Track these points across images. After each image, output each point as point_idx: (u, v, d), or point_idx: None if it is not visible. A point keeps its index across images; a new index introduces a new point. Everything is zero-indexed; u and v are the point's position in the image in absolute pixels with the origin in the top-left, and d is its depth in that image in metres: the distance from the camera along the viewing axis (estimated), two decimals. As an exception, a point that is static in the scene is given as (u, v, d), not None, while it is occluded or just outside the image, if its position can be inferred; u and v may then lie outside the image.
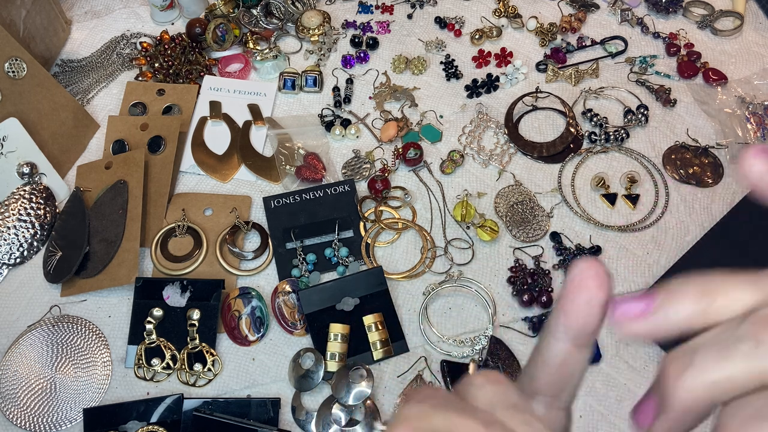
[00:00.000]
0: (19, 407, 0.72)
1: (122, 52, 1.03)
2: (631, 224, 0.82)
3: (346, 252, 0.81)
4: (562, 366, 0.25)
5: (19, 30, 0.92)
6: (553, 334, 0.25)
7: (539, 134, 0.91)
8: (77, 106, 0.92)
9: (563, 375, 0.25)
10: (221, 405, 0.71)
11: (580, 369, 0.25)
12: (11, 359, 0.74)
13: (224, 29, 1.00)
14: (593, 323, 0.24)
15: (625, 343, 0.74)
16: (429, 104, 0.95)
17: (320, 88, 0.97)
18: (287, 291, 0.78)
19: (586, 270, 0.23)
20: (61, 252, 0.81)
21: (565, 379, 0.25)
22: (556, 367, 0.25)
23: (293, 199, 0.85)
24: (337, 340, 0.73)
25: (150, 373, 0.73)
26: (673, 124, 0.91)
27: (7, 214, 0.83)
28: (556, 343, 0.25)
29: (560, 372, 0.25)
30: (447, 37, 1.02)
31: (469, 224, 0.83)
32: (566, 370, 0.25)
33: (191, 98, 0.94)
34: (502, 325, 0.76)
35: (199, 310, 0.76)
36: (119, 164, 0.86)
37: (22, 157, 0.85)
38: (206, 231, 0.83)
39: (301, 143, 0.90)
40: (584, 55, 1.00)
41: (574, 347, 0.24)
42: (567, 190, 0.86)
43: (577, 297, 0.24)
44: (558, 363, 0.25)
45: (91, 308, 0.78)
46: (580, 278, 0.23)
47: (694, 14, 1.02)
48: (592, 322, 0.24)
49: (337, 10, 1.07)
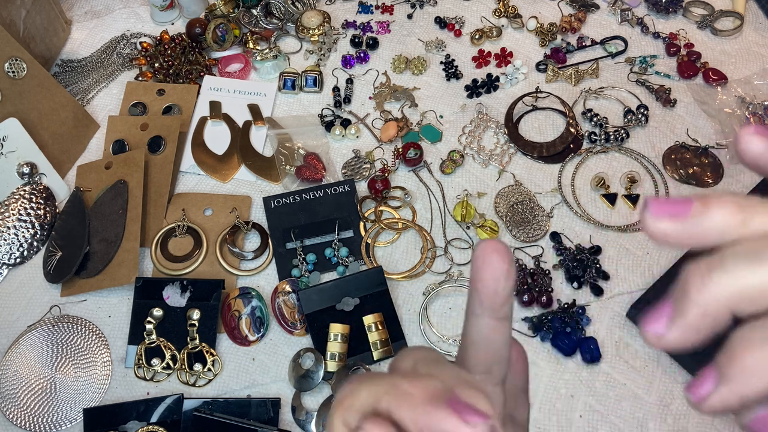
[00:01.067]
0: (19, 407, 0.72)
1: (122, 52, 1.03)
2: (631, 224, 0.82)
3: (346, 252, 0.81)
4: (487, 341, 0.26)
5: (19, 30, 0.92)
6: (473, 312, 0.27)
7: (539, 134, 0.91)
8: (77, 106, 0.92)
9: (489, 350, 0.27)
10: (221, 405, 0.71)
11: (504, 341, 0.27)
12: (11, 359, 0.74)
13: (224, 29, 1.00)
14: (503, 293, 0.25)
15: (625, 343, 0.74)
16: (429, 104, 0.95)
17: (320, 88, 0.97)
18: (287, 291, 0.78)
19: (486, 247, 0.25)
20: (61, 252, 0.81)
21: (492, 354, 0.27)
22: (483, 342, 0.27)
23: (293, 199, 0.85)
24: (337, 340, 0.73)
25: (150, 373, 0.73)
26: (673, 124, 0.91)
27: (7, 214, 0.83)
28: (477, 320, 0.26)
29: (486, 347, 0.27)
30: (447, 37, 1.02)
31: (469, 224, 0.83)
32: (491, 345, 0.27)
33: (191, 98, 0.94)
34: (502, 325, 0.76)
35: (199, 310, 0.76)
36: (119, 164, 0.86)
37: (22, 157, 0.85)
38: (206, 231, 0.83)
39: (301, 143, 0.90)
40: (584, 55, 1.00)
41: (494, 320, 0.26)
42: (567, 190, 0.86)
43: (484, 272, 0.25)
44: (482, 339, 0.27)
45: (91, 308, 0.78)
46: (482, 255, 0.25)
47: (694, 14, 1.02)
48: (501, 292, 0.25)
49: (337, 10, 1.07)
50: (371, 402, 0.23)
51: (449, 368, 0.25)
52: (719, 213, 0.22)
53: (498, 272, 0.25)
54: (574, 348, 0.73)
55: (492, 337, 0.26)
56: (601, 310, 0.76)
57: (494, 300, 0.26)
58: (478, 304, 0.26)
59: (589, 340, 0.73)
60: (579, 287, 0.78)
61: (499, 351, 0.27)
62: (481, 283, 0.25)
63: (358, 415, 0.23)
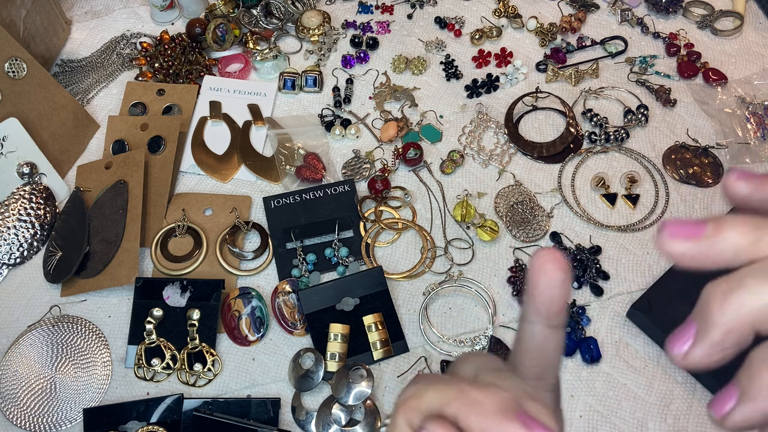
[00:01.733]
0: (19, 407, 0.72)
1: (122, 52, 1.03)
2: (631, 224, 0.82)
3: (346, 252, 0.81)
4: (540, 349, 0.27)
5: (19, 30, 0.92)
6: (527, 320, 0.27)
7: (539, 134, 0.91)
8: (77, 106, 0.92)
9: (543, 357, 0.27)
10: (221, 405, 0.71)
11: (557, 349, 0.28)
12: (11, 359, 0.74)
13: (224, 29, 1.00)
14: (559, 302, 0.26)
15: (625, 343, 0.74)
16: (429, 104, 0.95)
17: (320, 88, 0.97)
18: (287, 291, 0.78)
19: (543, 256, 0.26)
20: (61, 252, 0.81)
21: (545, 361, 0.27)
22: (535, 350, 0.27)
23: (293, 199, 0.85)
24: (337, 340, 0.73)
25: (150, 373, 0.73)
26: (673, 124, 0.91)
27: (7, 214, 0.83)
28: (531, 327, 0.27)
29: (540, 355, 0.27)
30: (447, 37, 1.02)
31: (469, 224, 0.83)
32: (545, 352, 0.27)
33: (191, 98, 0.94)
34: (502, 325, 0.76)
35: (199, 310, 0.76)
36: (119, 164, 0.86)
37: (22, 157, 0.85)
38: (206, 231, 0.83)
39: (301, 143, 0.90)
40: (584, 55, 1.00)
41: (548, 329, 0.27)
42: (567, 190, 0.86)
43: (540, 281, 0.26)
44: (536, 346, 0.27)
45: (91, 308, 0.78)
46: (539, 264, 0.26)
47: (694, 14, 1.02)
48: (557, 301, 0.26)
49: (337, 10, 1.07)
50: (438, 405, 0.23)
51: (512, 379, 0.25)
52: (732, 233, 0.22)
53: (554, 281, 0.26)
54: (574, 348, 0.73)
55: (545, 345, 0.27)
56: (601, 310, 0.76)
57: (550, 308, 0.26)
58: (534, 312, 0.27)
59: (589, 340, 0.73)
60: (579, 287, 0.78)
61: (551, 358, 0.27)
62: (537, 290, 0.26)
63: (422, 416, 0.24)
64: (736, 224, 0.23)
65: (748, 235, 0.22)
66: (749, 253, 0.22)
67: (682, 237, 0.23)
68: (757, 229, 0.22)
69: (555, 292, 0.26)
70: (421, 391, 0.24)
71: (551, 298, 0.26)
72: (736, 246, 0.22)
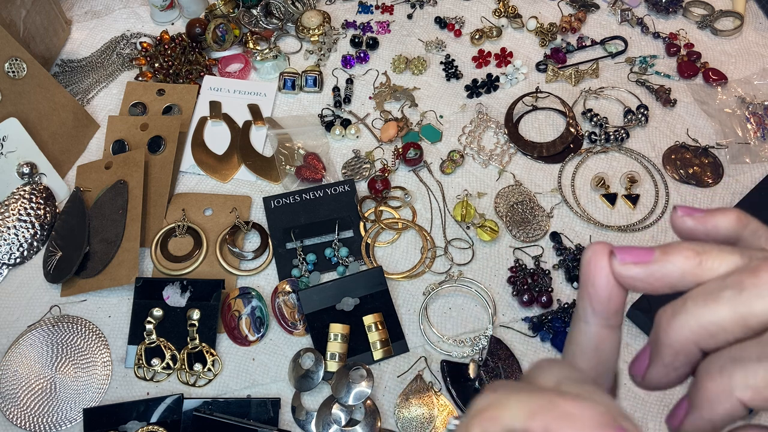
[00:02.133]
0: (19, 407, 0.72)
1: (122, 52, 1.03)
2: (631, 224, 0.82)
3: (346, 252, 0.81)
4: (598, 350, 0.26)
5: (19, 30, 0.92)
6: (584, 320, 0.26)
7: (539, 134, 0.91)
8: (77, 106, 0.92)
9: (600, 359, 0.26)
10: (221, 405, 0.71)
11: (615, 349, 0.26)
12: (11, 359, 0.74)
13: (224, 29, 1.00)
14: (617, 300, 0.25)
15: (625, 343, 0.74)
16: (429, 104, 0.95)
17: (320, 88, 0.97)
18: (287, 291, 0.78)
19: (599, 251, 0.25)
20: (61, 252, 0.81)
21: (602, 364, 0.26)
22: (593, 351, 0.26)
23: (293, 199, 0.85)
24: (337, 340, 0.73)
25: (150, 373, 0.73)
26: (673, 124, 0.91)
27: (7, 214, 0.83)
28: (588, 327, 0.26)
29: (597, 356, 0.26)
30: (447, 37, 1.02)
31: (469, 224, 0.83)
32: (602, 354, 0.26)
33: (191, 98, 0.94)
34: (502, 325, 0.76)
35: (199, 310, 0.76)
36: (119, 164, 0.86)
37: (22, 157, 0.85)
38: (206, 231, 0.83)
39: (301, 143, 0.90)
40: (584, 55, 1.00)
41: (605, 329, 0.26)
42: (567, 190, 0.86)
43: (597, 278, 0.25)
44: (593, 347, 0.26)
45: (91, 308, 0.78)
46: (594, 260, 0.25)
47: (694, 14, 1.02)
48: (615, 299, 0.25)
49: (337, 10, 1.07)
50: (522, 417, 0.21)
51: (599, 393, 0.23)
52: (678, 257, 0.24)
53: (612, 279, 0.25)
54: (574, 348, 0.73)
55: (603, 347, 0.26)
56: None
57: (608, 307, 0.25)
58: (590, 312, 0.25)
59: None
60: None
61: (609, 361, 0.26)
62: (594, 288, 0.25)
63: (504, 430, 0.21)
64: (681, 249, 0.24)
65: (691, 259, 0.24)
66: (693, 276, 0.24)
67: (632, 262, 0.25)
68: (699, 254, 0.24)
69: (613, 289, 0.25)
70: (502, 401, 0.22)
71: (609, 296, 0.25)
72: (682, 269, 0.24)
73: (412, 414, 0.70)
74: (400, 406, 0.71)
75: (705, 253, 0.24)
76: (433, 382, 0.72)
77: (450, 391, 0.71)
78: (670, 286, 0.25)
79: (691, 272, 0.24)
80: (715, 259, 0.24)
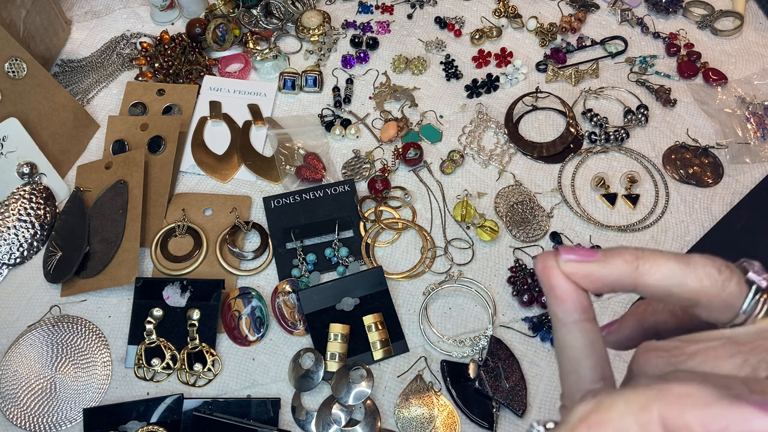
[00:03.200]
0: (19, 407, 0.72)
1: (122, 52, 1.03)
2: (631, 224, 0.82)
3: (346, 252, 0.81)
4: (592, 346, 0.26)
5: (19, 30, 0.92)
6: (564, 325, 0.26)
7: (539, 134, 0.91)
8: (77, 106, 0.92)
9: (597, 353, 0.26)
10: (221, 405, 0.71)
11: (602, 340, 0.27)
12: (11, 359, 0.74)
13: (224, 29, 1.00)
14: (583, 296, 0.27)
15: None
16: (429, 104, 0.95)
17: (320, 88, 0.97)
18: (287, 291, 0.78)
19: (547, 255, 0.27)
20: (61, 252, 0.81)
21: (601, 358, 0.27)
22: (590, 349, 0.26)
23: (293, 199, 0.85)
24: (337, 340, 0.73)
25: (150, 373, 0.73)
26: (673, 124, 0.91)
27: (7, 214, 0.83)
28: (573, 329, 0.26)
29: (594, 352, 0.26)
30: (447, 37, 1.02)
31: (469, 224, 0.83)
32: (596, 348, 0.27)
33: (191, 98, 0.94)
34: (502, 325, 0.76)
35: (199, 310, 0.76)
36: (119, 164, 0.86)
37: (22, 157, 0.85)
38: (206, 231, 0.83)
39: (301, 143, 0.90)
40: (584, 55, 1.00)
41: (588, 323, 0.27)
42: (567, 190, 0.86)
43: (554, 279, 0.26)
44: (588, 344, 0.26)
45: (91, 308, 0.78)
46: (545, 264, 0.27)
47: (694, 14, 1.02)
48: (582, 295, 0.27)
49: (337, 10, 1.07)
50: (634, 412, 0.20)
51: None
52: (617, 261, 0.26)
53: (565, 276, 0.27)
54: (574, 348, 0.73)
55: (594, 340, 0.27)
56: (601, 310, 0.76)
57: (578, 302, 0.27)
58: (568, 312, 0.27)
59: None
60: (579, 287, 0.78)
61: (604, 351, 0.27)
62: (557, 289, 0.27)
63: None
64: (622, 253, 0.26)
65: (630, 263, 0.26)
66: (631, 279, 0.26)
67: (575, 260, 0.27)
68: (637, 258, 0.26)
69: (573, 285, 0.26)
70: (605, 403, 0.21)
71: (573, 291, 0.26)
72: (620, 272, 0.26)
73: (412, 414, 0.70)
74: (400, 406, 0.71)
75: (643, 258, 0.26)
76: (433, 382, 0.72)
77: (450, 391, 0.71)
78: (610, 287, 0.26)
79: (629, 276, 0.26)
80: (652, 264, 0.25)
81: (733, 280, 0.25)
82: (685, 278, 0.25)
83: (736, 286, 0.25)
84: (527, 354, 0.74)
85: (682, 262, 0.25)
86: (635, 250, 0.26)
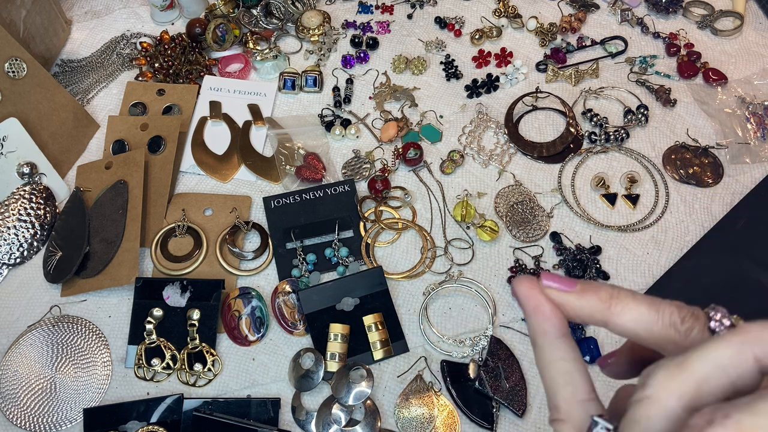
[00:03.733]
0: (19, 407, 0.72)
1: (122, 52, 1.03)
2: (631, 224, 0.82)
3: (346, 252, 0.81)
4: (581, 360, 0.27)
5: (19, 30, 0.92)
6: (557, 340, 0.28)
7: (539, 134, 0.91)
8: (77, 106, 0.92)
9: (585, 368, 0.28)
10: (221, 405, 0.71)
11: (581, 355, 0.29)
12: (11, 359, 0.74)
13: (224, 29, 1.00)
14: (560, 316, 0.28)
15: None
16: (429, 104, 0.95)
17: (320, 88, 0.97)
18: (287, 291, 0.78)
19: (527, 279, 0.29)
20: (61, 252, 0.81)
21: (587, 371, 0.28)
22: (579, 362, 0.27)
23: (293, 199, 0.85)
24: (337, 340, 0.73)
25: (150, 373, 0.73)
26: (673, 124, 0.91)
27: (7, 214, 0.83)
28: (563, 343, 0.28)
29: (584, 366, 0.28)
30: (447, 37, 1.02)
31: (469, 224, 0.83)
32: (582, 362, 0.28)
33: (191, 98, 0.94)
34: (502, 325, 0.76)
35: (199, 310, 0.76)
36: (119, 164, 0.86)
37: (22, 157, 0.85)
38: (206, 231, 0.83)
39: (301, 143, 0.90)
40: (584, 55, 1.00)
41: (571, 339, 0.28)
42: (567, 190, 0.86)
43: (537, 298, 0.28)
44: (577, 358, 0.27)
45: (91, 308, 0.78)
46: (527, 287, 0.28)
47: (694, 14, 1.02)
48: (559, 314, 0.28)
49: (337, 10, 1.07)
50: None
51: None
52: (592, 297, 0.27)
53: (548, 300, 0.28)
54: (574, 348, 0.73)
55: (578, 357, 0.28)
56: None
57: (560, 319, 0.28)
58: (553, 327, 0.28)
59: (589, 340, 0.73)
60: (579, 287, 0.78)
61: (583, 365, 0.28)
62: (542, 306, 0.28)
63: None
64: (598, 290, 0.28)
65: (604, 301, 0.27)
66: (602, 316, 0.27)
67: (554, 285, 0.28)
68: (611, 297, 0.27)
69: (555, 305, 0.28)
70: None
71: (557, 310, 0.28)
72: (592, 308, 0.27)
73: (412, 414, 0.70)
74: (400, 406, 0.71)
75: (617, 299, 0.27)
76: (433, 382, 0.72)
77: (450, 391, 0.71)
78: (581, 320, 0.28)
79: (601, 313, 0.27)
80: (624, 307, 0.27)
81: (695, 329, 0.26)
82: (652, 325, 0.26)
83: (698, 335, 0.26)
84: (527, 354, 0.74)
85: (652, 308, 0.26)
86: (611, 288, 0.27)
